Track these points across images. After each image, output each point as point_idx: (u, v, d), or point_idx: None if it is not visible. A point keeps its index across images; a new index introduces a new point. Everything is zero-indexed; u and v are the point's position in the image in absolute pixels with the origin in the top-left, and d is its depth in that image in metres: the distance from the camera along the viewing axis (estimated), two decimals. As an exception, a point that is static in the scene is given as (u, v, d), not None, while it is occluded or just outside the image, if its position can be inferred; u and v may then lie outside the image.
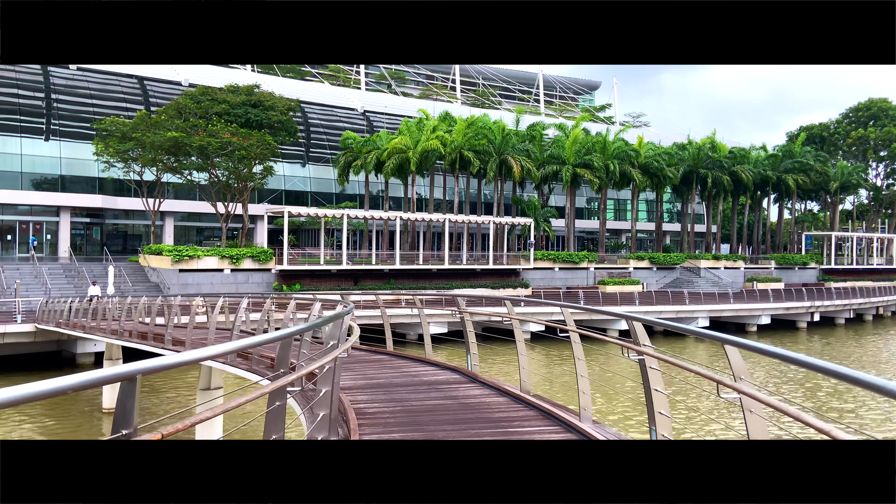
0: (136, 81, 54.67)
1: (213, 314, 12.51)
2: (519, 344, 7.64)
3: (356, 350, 12.02)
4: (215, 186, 41.33)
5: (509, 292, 45.03)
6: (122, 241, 52.33)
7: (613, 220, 73.56)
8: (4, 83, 48.32)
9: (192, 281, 35.76)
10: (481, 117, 53.61)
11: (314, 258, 40.95)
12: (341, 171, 51.38)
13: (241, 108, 41.10)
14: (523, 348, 7.60)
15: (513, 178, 52.71)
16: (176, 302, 15.04)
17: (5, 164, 46.56)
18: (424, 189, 57.89)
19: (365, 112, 62.92)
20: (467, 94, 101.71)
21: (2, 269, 35.86)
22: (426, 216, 46.13)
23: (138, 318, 17.25)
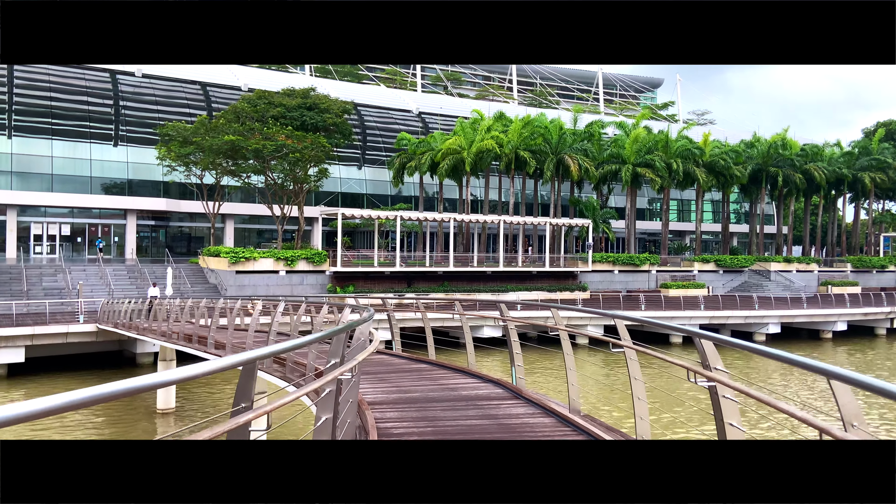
0: (199, 88, 56.03)
1: (253, 318, 12.18)
2: (567, 358, 6.87)
3: (397, 358, 11.46)
4: (271, 189, 41.77)
5: (566, 295, 43.83)
6: (187, 243, 53.64)
7: (676, 221, 71.01)
8: (75, 91, 50.26)
9: (248, 282, 36.13)
10: (537, 117, 52.54)
11: (368, 260, 40.84)
12: (396, 173, 51.27)
13: (296, 111, 41.41)
14: (572, 363, 6.82)
15: (570, 178, 51.42)
16: (218, 305, 14.86)
17: (76, 169, 48.39)
18: (479, 190, 57.21)
19: (420, 113, 62.75)
20: (524, 94, 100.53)
21: (69, 270, 37.10)
22: (480, 217, 45.42)
23: (185, 320, 17.21)
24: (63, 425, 19.50)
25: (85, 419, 20.64)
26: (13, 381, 26.75)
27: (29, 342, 27.36)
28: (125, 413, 22.10)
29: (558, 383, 22.29)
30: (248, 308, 21.67)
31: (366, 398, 7.64)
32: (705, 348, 4.10)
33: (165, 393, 22.15)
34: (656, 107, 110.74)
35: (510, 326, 8.24)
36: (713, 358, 4.09)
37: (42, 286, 34.71)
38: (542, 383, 23.42)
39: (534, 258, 49.73)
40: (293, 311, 11.80)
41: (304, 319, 11.98)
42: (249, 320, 12.40)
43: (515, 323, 8.20)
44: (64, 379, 26.48)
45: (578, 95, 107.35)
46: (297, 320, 11.32)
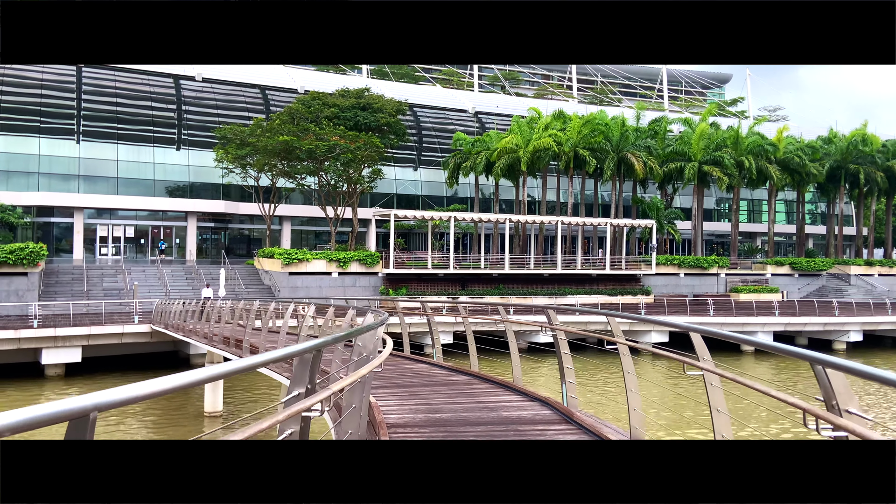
0: (258, 91, 56.63)
1: (284, 322, 11.40)
2: (628, 378, 5.64)
3: (436, 368, 10.39)
4: (324, 189, 41.50)
5: (628, 299, 41.88)
6: (246, 245, 54.15)
7: (746, 222, 67.51)
8: (140, 96, 51.49)
9: (300, 284, 35.85)
10: (598, 113, 50.66)
11: (421, 262, 40.04)
12: (451, 174, 50.30)
13: (350, 112, 41.01)
14: (633, 383, 5.60)
15: (633, 177, 49.32)
16: (254, 308, 14.20)
17: (140, 172, 49.48)
18: (536, 191, 55.67)
19: (476, 113, 61.68)
20: (584, 92, 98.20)
21: (129, 270, 37.70)
22: (537, 218, 43.96)
23: (224, 321, 16.69)
24: (106, 424, 19.31)
25: (131, 420, 20.45)
26: (70, 380, 27.08)
27: (85, 342, 27.65)
28: (173, 415, 21.88)
29: (619, 404, 20.18)
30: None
31: (388, 418, 6.62)
32: (831, 379, 2.84)
33: (213, 396, 21.87)
34: (724, 103, 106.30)
35: (559, 336, 7.05)
36: (843, 396, 2.83)
37: (102, 287, 35.33)
38: (600, 402, 21.56)
39: (593, 260, 47.90)
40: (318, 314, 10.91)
41: (339, 322, 11.09)
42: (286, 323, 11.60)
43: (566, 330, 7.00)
44: (118, 379, 26.61)
45: (641, 93, 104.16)
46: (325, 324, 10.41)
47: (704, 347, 4.93)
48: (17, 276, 31.37)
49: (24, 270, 31.44)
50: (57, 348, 27.15)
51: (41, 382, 26.79)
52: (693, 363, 4.69)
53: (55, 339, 27.02)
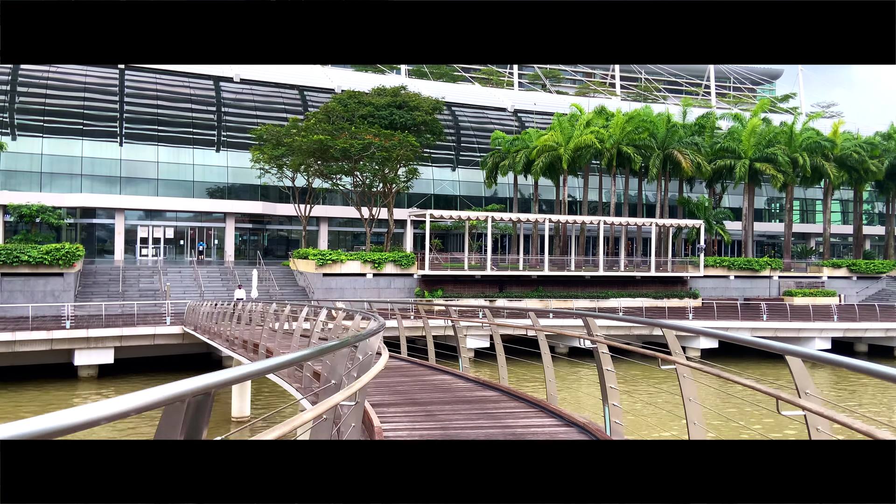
0: (296, 92, 56.49)
1: (297, 325, 10.49)
2: (690, 408, 4.44)
3: (462, 381, 9.28)
4: (359, 188, 40.80)
5: (674, 303, 40.04)
6: (284, 246, 53.94)
7: (798, 222, 64.49)
8: (180, 98, 51.78)
9: (335, 285, 35.19)
10: (642, 110, 48.81)
11: (458, 263, 38.98)
12: (489, 173, 49.07)
13: (385, 110, 40.24)
14: (697, 414, 4.37)
15: (679, 175, 47.35)
16: (270, 310, 13.38)
17: (180, 174, 49.68)
18: (577, 191, 54.04)
19: (516, 111, 60.34)
20: (628, 90, 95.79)
21: (165, 271, 37.63)
22: (578, 218, 42.44)
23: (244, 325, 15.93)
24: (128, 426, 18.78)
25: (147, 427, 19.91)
26: (103, 381, 26.87)
27: (118, 343, 27.41)
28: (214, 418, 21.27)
29: (674, 429, 17.92)
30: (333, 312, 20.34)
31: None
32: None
33: (240, 401, 21.30)
34: (776, 99, 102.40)
35: (600, 349, 5.88)
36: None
37: (139, 287, 35.28)
38: (652, 426, 18.62)
39: (637, 262, 46.10)
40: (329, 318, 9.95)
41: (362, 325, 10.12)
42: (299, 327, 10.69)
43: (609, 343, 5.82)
44: (152, 381, 26.25)
45: (688, 90, 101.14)
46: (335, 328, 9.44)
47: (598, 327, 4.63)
48: (53, 276, 31.45)
49: (60, 271, 31.50)
50: (90, 349, 26.96)
51: (74, 384, 26.64)
52: (667, 357, 3.78)
53: (88, 341, 26.83)
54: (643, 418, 19.06)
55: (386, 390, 8.47)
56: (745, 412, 19.70)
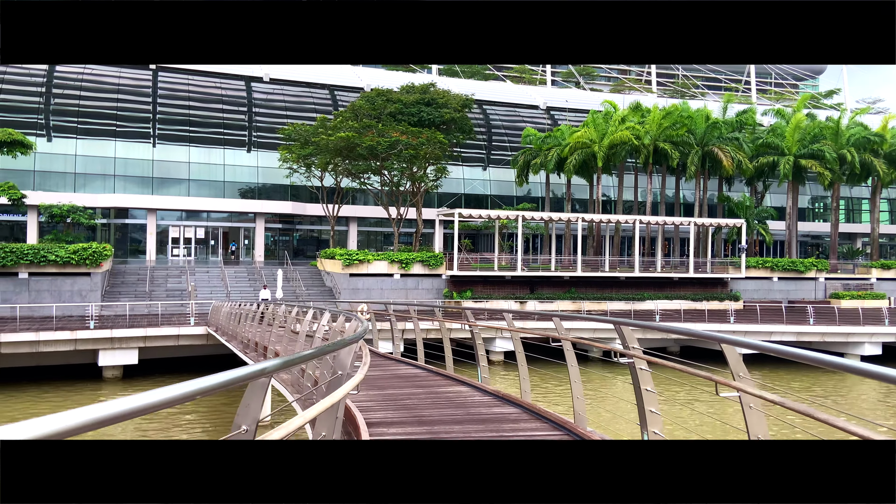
0: (327, 92, 56.14)
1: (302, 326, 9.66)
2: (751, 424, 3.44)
3: (479, 394, 8.30)
4: (386, 186, 40.07)
5: (714, 305, 38.39)
6: (314, 246, 53.57)
7: (843, 221, 61.81)
8: (211, 99, 51.81)
9: (361, 286, 34.51)
10: (680, 105, 47.13)
11: (488, 263, 37.95)
12: (519, 171, 47.87)
13: (414, 108, 39.43)
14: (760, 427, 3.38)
15: (719, 172, 45.53)
16: (279, 312, 12.62)
17: (211, 174, 49.67)
18: (612, 190, 52.49)
19: (548, 109, 58.98)
20: (665, 86, 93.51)
21: (193, 271, 37.44)
22: (613, 217, 41.05)
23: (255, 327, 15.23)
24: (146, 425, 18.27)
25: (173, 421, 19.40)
26: (128, 382, 26.59)
27: (142, 344, 27.12)
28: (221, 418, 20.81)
29: None
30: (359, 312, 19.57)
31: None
32: None
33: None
34: (819, 95, 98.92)
35: (638, 366, 4.88)
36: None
37: (166, 287, 35.10)
38: None
39: (675, 263, 44.46)
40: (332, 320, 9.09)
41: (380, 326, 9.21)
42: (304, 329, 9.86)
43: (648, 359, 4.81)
44: (173, 381, 25.81)
45: (727, 85, 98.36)
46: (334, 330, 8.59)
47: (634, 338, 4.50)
48: (80, 276, 31.39)
49: (87, 270, 31.42)
50: (113, 350, 26.72)
51: (99, 384, 26.41)
52: (728, 383, 2.73)
53: (112, 341, 26.58)
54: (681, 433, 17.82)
55: (392, 405, 7.59)
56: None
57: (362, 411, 6.93)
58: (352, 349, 3.90)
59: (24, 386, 25.13)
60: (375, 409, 7.28)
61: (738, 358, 3.74)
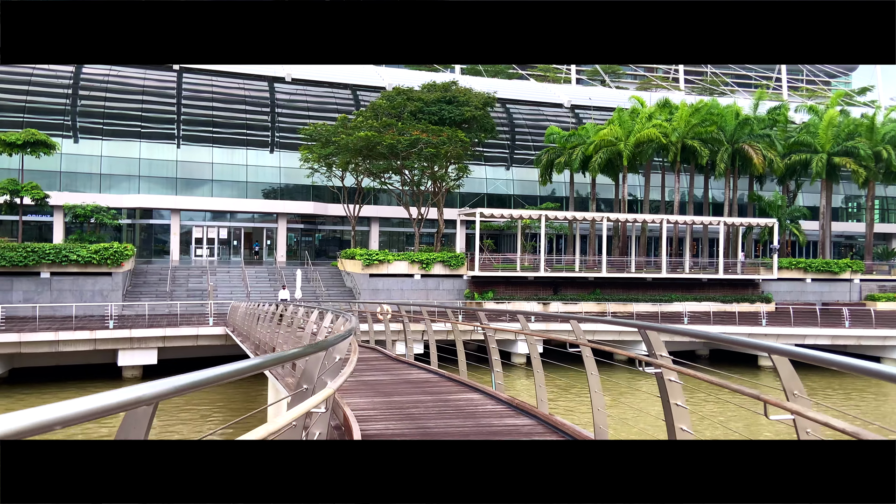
0: (349, 92, 55.92)
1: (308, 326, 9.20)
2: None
3: (490, 402, 7.70)
4: (407, 186, 39.59)
5: (745, 307, 37.24)
6: (337, 246, 53.34)
7: (878, 221, 59.81)
8: (234, 100, 51.89)
9: (381, 286, 34.08)
10: (710, 102, 45.92)
11: (510, 264, 37.26)
12: (543, 171, 47.04)
13: (434, 106, 38.90)
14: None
15: (749, 171, 44.28)
16: (287, 313, 12.17)
17: (234, 175, 49.71)
18: (638, 189, 51.41)
19: (573, 107, 58.03)
20: (693, 84, 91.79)
21: (213, 271, 37.36)
22: (639, 217, 40.10)
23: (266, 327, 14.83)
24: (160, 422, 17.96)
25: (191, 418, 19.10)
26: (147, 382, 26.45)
27: (161, 344, 27.00)
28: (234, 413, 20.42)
29: None
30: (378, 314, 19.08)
31: None
32: None
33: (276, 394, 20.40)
34: (852, 92, 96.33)
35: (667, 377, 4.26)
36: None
37: (187, 287, 35.04)
38: None
39: (703, 264, 43.29)
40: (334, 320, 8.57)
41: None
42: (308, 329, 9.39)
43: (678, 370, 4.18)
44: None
45: (756, 82, 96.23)
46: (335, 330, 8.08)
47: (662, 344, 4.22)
48: (101, 275, 31.42)
49: (108, 270, 31.44)
50: (133, 350, 26.62)
51: (118, 385, 26.31)
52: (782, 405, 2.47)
53: (131, 341, 26.49)
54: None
55: (396, 414, 7.04)
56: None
57: (361, 421, 6.40)
58: (319, 357, 3.35)
59: (44, 386, 25.13)
60: (377, 419, 6.74)
61: (791, 372, 3.11)
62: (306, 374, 3.43)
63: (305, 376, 3.44)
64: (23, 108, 45.11)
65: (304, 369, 3.30)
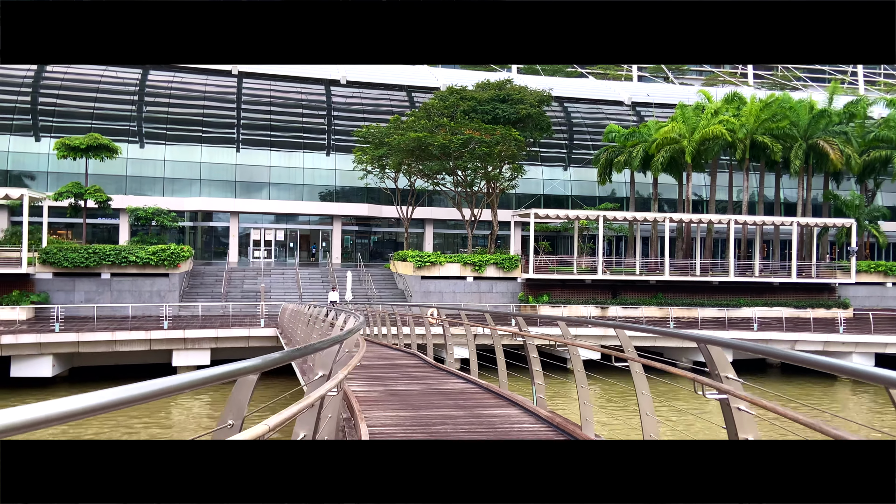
0: (404, 93, 55.72)
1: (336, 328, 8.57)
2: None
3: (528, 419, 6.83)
4: (458, 186, 38.84)
5: (820, 313, 34.87)
6: (392, 248, 53.17)
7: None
8: (292, 104, 52.42)
9: (433, 289, 33.45)
10: (781, 96, 43.43)
11: (567, 267, 36.01)
12: (602, 170, 45.46)
13: (488, 105, 38.04)
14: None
15: (825, 168, 41.62)
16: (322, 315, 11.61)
17: (290, 178, 50.17)
18: (703, 189, 49.16)
19: (634, 104, 56.10)
20: (763, 79, 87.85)
21: (267, 273, 37.57)
22: (704, 217, 38.16)
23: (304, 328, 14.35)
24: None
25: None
26: (200, 383, 26.59)
27: (214, 345, 27.13)
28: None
29: None
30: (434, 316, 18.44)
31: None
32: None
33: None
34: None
35: (735, 407, 3.33)
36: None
37: (242, 289, 35.30)
38: None
39: (775, 267, 40.89)
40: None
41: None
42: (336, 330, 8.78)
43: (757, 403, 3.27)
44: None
45: (830, 76, 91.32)
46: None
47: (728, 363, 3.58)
48: (159, 276, 31.92)
49: (165, 271, 31.92)
50: (186, 350, 26.83)
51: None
52: None
53: (185, 341, 26.70)
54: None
55: (420, 431, 6.28)
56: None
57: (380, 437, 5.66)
58: (332, 351, 2.88)
59: (101, 385, 25.54)
60: (395, 437, 5.99)
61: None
62: (320, 364, 3.75)
63: (320, 365, 3.75)
64: (91, 114, 46.68)
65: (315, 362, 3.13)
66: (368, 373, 10.40)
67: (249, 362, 2.77)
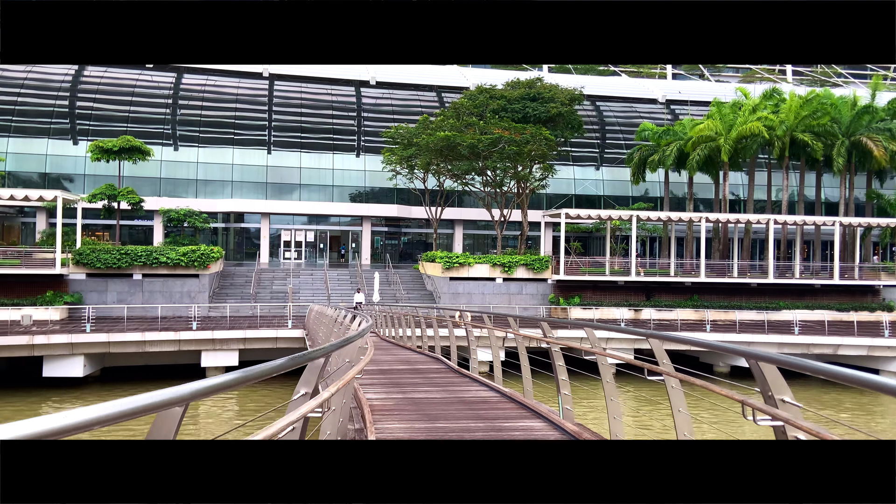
0: (434, 94, 55.45)
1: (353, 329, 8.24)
2: None
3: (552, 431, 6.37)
4: (487, 187, 38.34)
5: (863, 316, 33.52)
6: (421, 249, 52.93)
7: None
8: (322, 105, 52.55)
9: (462, 290, 33.04)
10: (822, 92, 41.99)
11: (599, 268, 35.25)
12: (635, 169, 44.49)
13: (518, 104, 37.49)
14: None
15: (868, 166, 40.09)
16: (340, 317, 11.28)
17: (321, 179, 50.29)
18: (741, 189, 47.82)
19: (668, 102, 54.89)
20: (802, 76, 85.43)
21: (296, 274, 37.58)
22: (742, 217, 37.03)
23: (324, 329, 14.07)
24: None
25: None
26: (227, 384, 26.60)
27: (242, 346, 27.14)
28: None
29: None
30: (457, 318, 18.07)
31: None
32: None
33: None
34: None
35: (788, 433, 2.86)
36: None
37: (271, 290, 35.36)
38: None
39: (816, 268, 39.50)
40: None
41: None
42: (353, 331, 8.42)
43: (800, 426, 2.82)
44: (267, 384, 25.52)
45: (872, 72, 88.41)
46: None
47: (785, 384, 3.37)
48: (189, 277, 32.12)
49: (196, 272, 32.10)
50: (215, 351, 26.89)
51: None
52: None
53: (213, 342, 26.75)
54: None
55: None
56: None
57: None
58: (351, 348, 2.41)
59: (132, 385, 25.73)
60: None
61: None
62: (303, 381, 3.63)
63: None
64: (127, 117, 47.40)
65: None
66: (388, 378, 10.06)
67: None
